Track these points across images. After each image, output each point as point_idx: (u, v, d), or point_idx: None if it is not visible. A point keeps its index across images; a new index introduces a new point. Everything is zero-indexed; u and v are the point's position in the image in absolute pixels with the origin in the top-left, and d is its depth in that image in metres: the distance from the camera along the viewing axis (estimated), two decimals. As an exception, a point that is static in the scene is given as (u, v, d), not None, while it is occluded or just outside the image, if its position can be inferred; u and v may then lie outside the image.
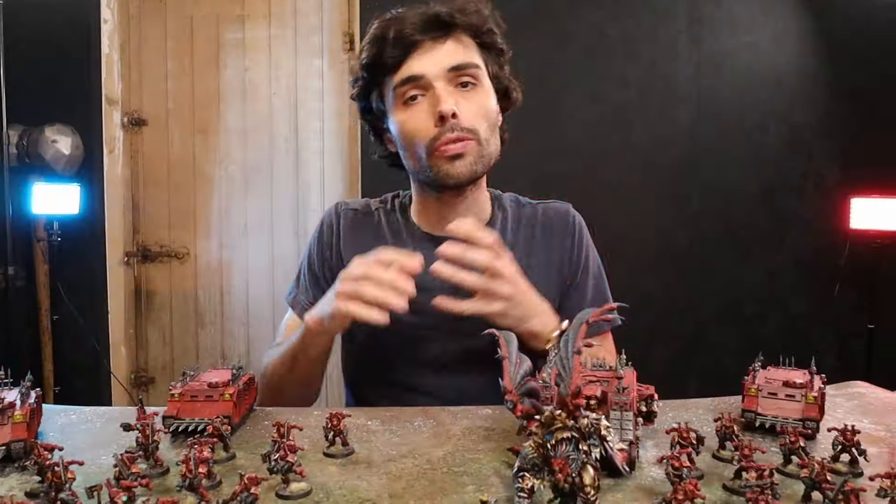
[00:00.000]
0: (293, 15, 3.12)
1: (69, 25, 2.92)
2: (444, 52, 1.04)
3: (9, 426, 0.69)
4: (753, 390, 0.77)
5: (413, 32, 1.03)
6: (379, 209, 1.22)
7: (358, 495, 0.61)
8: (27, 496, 0.61)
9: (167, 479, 0.66)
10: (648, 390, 0.76)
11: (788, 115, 3.04)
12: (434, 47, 1.04)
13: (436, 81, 1.03)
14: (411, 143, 1.07)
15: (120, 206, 3.09)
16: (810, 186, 3.05)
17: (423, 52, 1.04)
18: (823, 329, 3.05)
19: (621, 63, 3.02)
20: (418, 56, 1.04)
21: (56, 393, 2.85)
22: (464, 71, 1.05)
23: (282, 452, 0.61)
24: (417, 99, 1.05)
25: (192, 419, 0.77)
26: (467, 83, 1.06)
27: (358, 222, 1.20)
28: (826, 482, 0.57)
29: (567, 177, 2.94)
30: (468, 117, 1.04)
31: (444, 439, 0.77)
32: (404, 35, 1.03)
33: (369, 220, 1.20)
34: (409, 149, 1.08)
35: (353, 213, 1.21)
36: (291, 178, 3.16)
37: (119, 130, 3.09)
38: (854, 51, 2.99)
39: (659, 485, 0.63)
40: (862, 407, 0.90)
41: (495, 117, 1.11)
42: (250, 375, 0.88)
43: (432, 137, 1.03)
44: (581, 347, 0.57)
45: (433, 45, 1.04)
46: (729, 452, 0.70)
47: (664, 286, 2.98)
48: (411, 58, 1.03)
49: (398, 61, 1.04)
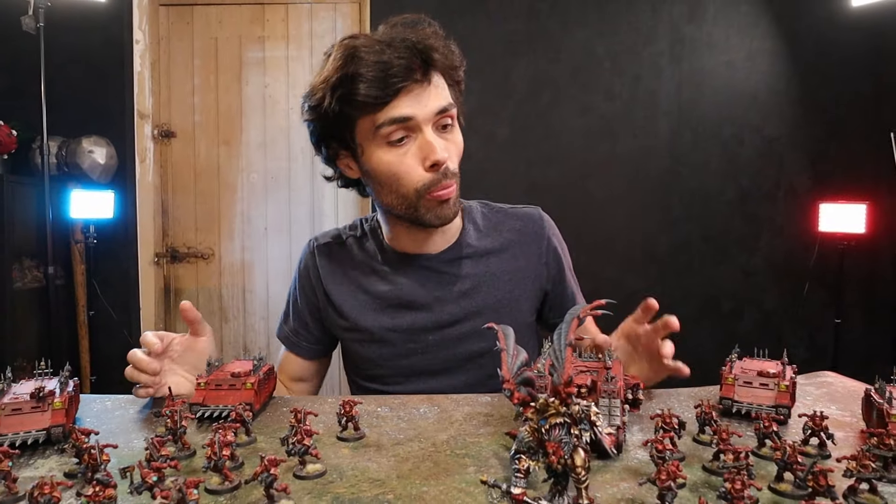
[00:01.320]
0: (309, 37, 3.12)
1: (104, 46, 2.93)
2: (428, 94, 0.96)
3: (49, 412, 0.69)
4: (730, 379, 0.78)
5: (400, 76, 0.93)
6: (350, 237, 1.16)
7: (368, 476, 0.61)
8: (66, 476, 0.62)
9: (194, 460, 0.66)
10: (634, 379, 0.76)
11: (762, 127, 3.03)
12: (418, 89, 0.95)
13: (424, 125, 0.96)
14: (397, 184, 0.99)
15: (150, 210, 3.10)
16: (782, 193, 3.05)
17: (409, 94, 0.95)
18: (794, 324, 3.04)
19: (608, 79, 3.02)
20: (405, 97, 0.94)
21: (92, 382, 2.86)
22: (446, 113, 0.99)
23: (299, 436, 0.61)
24: (404, 141, 0.97)
25: (217, 406, 0.77)
26: (447, 125, 1.00)
27: (334, 254, 1.15)
28: (797, 463, 0.57)
29: (558, 184, 2.94)
30: (451, 159, 1.00)
31: (447, 424, 0.77)
32: (393, 78, 0.93)
33: (344, 251, 1.15)
34: (393, 188, 1.00)
35: (326, 248, 1.16)
36: (308, 185, 3.16)
37: (150, 142, 3.10)
38: (821, 69, 2.99)
39: (644, 466, 0.63)
40: (830, 395, 0.90)
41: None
42: (270, 366, 0.88)
43: (425, 183, 0.97)
44: (573, 340, 0.57)
45: (418, 87, 0.95)
46: (708, 436, 0.70)
47: (648, 284, 2.98)
48: (397, 98, 0.94)
49: (384, 102, 0.94)
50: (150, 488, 0.49)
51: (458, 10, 2.86)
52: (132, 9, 2.95)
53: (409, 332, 1.08)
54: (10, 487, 0.56)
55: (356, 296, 1.11)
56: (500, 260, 1.13)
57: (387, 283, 1.11)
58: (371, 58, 0.93)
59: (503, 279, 1.12)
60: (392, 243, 1.12)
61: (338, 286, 1.13)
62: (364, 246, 1.15)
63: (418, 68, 0.95)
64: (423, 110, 0.96)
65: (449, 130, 1.01)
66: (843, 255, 2.72)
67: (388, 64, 0.93)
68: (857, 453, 0.55)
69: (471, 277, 1.11)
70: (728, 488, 0.49)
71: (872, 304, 3.03)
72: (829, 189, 2.92)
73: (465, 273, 1.11)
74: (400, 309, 1.09)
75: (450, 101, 1.00)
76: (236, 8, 3.11)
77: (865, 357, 2.98)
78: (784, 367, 0.80)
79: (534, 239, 1.16)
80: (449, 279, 1.10)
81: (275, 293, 3.18)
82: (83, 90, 2.91)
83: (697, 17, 3.01)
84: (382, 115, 0.95)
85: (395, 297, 1.10)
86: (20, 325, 2.69)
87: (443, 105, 0.98)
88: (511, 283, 1.12)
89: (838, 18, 2.78)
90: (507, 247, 1.15)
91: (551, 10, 2.98)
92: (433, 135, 0.97)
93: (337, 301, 1.12)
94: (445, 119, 0.99)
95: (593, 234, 2.90)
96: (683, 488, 0.58)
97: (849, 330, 2.86)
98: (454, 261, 1.11)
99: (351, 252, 1.15)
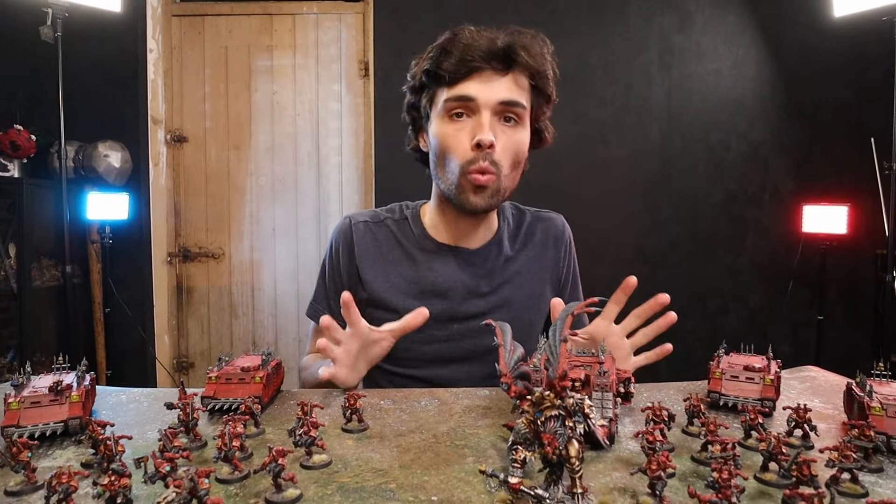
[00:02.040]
0: (315, 46, 3.12)
1: (119, 55, 2.93)
2: (499, 84, 0.99)
3: (66, 405, 0.69)
4: (718, 374, 0.78)
5: (477, 58, 0.97)
6: (388, 218, 1.17)
7: (372, 465, 0.61)
8: (83, 466, 0.61)
9: (205, 451, 0.66)
10: (626, 374, 0.76)
11: (748, 133, 3.03)
12: (492, 77, 0.98)
13: (484, 108, 0.98)
14: (446, 155, 1.02)
15: (163, 212, 3.10)
16: (767, 196, 3.05)
17: (481, 77, 0.98)
18: (779, 320, 3.04)
19: (601, 86, 3.02)
20: (475, 80, 0.98)
21: (108, 376, 2.86)
22: (511, 108, 0.99)
23: (305, 428, 0.61)
24: (463, 117, 1.00)
25: (227, 399, 0.77)
26: (510, 118, 1.01)
27: (369, 232, 1.14)
28: (782, 454, 0.57)
29: (554, 186, 2.93)
30: (500, 151, 1.00)
31: (447, 417, 0.77)
32: (469, 57, 0.97)
33: (381, 230, 1.15)
34: (443, 159, 1.03)
35: (363, 225, 1.15)
36: (313, 188, 3.16)
37: (163, 146, 3.10)
38: (805, 77, 2.99)
39: (635, 456, 0.63)
40: (813, 388, 0.90)
41: (523, 156, 1.06)
42: (278, 361, 0.88)
43: (468, 160, 0.99)
44: (567, 336, 0.57)
45: (492, 75, 0.98)
46: (697, 428, 0.69)
47: (639, 283, 2.96)
48: (469, 79, 0.98)
49: (456, 79, 0.98)
50: (163, 477, 0.49)
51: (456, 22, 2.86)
52: (146, 19, 2.95)
53: (435, 319, 1.05)
54: (29, 477, 0.56)
55: (388, 277, 1.10)
56: (527, 259, 1.15)
57: (421, 269, 1.11)
58: (463, 40, 0.98)
59: (527, 277, 1.13)
60: (432, 232, 1.13)
61: (371, 263, 1.11)
62: (402, 229, 1.15)
63: (498, 59, 0.98)
64: (486, 95, 0.98)
65: (512, 126, 1.02)
66: (825, 255, 2.72)
67: (473, 47, 0.97)
68: (839, 444, 0.55)
69: (501, 274, 1.12)
70: (716, 477, 0.49)
71: (853, 302, 3.04)
72: (811, 192, 2.93)
73: (496, 270, 1.12)
74: (430, 296, 1.08)
75: (519, 100, 1.00)
76: (245, 18, 3.11)
77: (847, 352, 2.98)
78: (769, 362, 0.80)
79: (555, 243, 1.18)
80: (482, 274, 1.11)
81: (282, 291, 3.18)
82: (99, 97, 2.91)
83: (686, 28, 3.01)
84: (452, 90, 0.99)
85: (429, 283, 1.09)
86: (39, 321, 2.69)
87: (509, 98, 0.99)
88: (533, 283, 1.13)
89: (821, 28, 2.78)
90: (532, 247, 1.16)
91: (547, 21, 2.98)
92: (490, 119, 0.98)
93: (367, 278, 1.10)
94: (510, 113, 1.00)
95: (587, 235, 2.88)
96: (673, 477, 0.58)
97: (831, 326, 2.86)
98: (488, 257, 1.13)
99: (388, 233, 1.14)
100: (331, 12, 3.11)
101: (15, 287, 2.63)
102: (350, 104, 3.12)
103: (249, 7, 3.11)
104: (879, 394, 0.67)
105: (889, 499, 0.42)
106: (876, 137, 2.79)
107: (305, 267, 3.15)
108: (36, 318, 2.66)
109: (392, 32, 2.96)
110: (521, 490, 0.48)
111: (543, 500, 0.48)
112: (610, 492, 0.55)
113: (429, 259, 1.12)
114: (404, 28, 2.94)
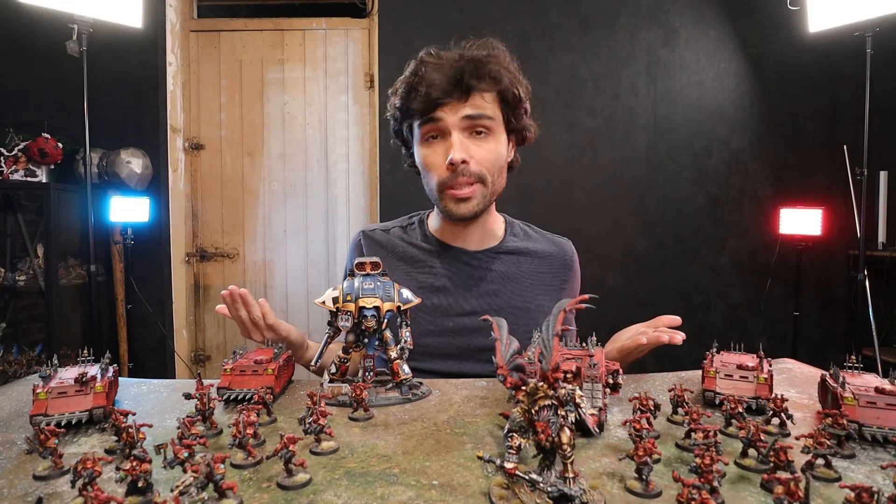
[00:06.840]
0: (324, 59, 3.12)
1: (140, 67, 2.93)
2: (464, 105, 1.01)
3: (91, 395, 0.69)
4: (712, 372, 0.75)
5: (440, 94, 0.99)
6: (395, 227, 1.21)
7: (377, 452, 0.61)
8: (106, 452, 0.62)
9: (221, 438, 0.66)
10: (614, 366, 0.76)
11: (728, 140, 3.03)
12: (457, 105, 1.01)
13: (453, 129, 1.00)
14: (427, 176, 1.06)
15: (182, 215, 3.10)
16: (746, 199, 3.05)
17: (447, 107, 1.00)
18: (757, 316, 3.04)
19: (591, 97, 3.02)
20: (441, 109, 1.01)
21: (130, 368, 2.85)
22: (477, 121, 1.01)
23: (314, 417, 0.61)
24: (437, 139, 1.03)
25: (242, 390, 0.77)
26: (481, 131, 1.02)
27: (377, 239, 1.18)
28: (760, 441, 0.57)
29: (546, 191, 2.94)
30: (477, 163, 1.01)
31: (447, 406, 0.77)
32: (433, 95, 0.99)
33: (388, 237, 1.18)
34: (426, 179, 1.07)
35: (372, 233, 1.20)
36: (322, 192, 3.16)
37: (181, 153, 3.10)
38: (782, 89, 2.99)
39: (623, 443, 0.63)
40: (789, 379, 0.90)
41: (503, 160, 1.07)
42: (288, 354, 0.88)
43: (444, 179, 1.02)
44: (560, 331, 0.57)
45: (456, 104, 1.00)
46: (681, 417, 0.70)
47: (627, 281, 2.98)
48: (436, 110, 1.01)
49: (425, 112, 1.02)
50: (181, 463, 0.49)
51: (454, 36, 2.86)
52: (166, 34, 2.95)
53: (431, 313, 1.08)
54: (56, 462, 0.56)
55: (394, 273, 1.11)
56: (530, 266, 1.14)
57: (422, 266, 1.12)
58: (427, 77, 1.00)
59: (526, 283, 1.12)
60: (436, 233, 1.16)
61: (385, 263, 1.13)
62: (408, 232, 1.19)
63: (459, 89, 0.99)
64: (451, 116, 1.00)
65: (483, 138, 1.03)
66: (801, 255, 2.72)
67: (435, 85, 0.99)
68: (814, 432, 0.55)
69: (498, 278, 1.12)
70: (698, 463, 0.49)
71: (827, 299, 3.04)
72: (788, 196, 2.93)
73: (494, 273, 1.12)
74: (428, 291, 1.09)
75: (484, 113, 1.01)
76: (258, 34, 3.11)
77: (821, 346, 2.99)
78: (761, 361, 0.78)
79: (562, 266, 1.17)
80: (479, 274, 1.11)
81: (293, 289, 3.18)
82: (122, 107, 2.91)
83: (671, 42, 3.01)
84: (423, 119, 1.03)
85: (427, 279, 1.10)
86: (65, 317, 2.69)
87: (473, 113, 1.00)
88: (533, 291, 1.12)
89: (797, 43, 2.78)
90: (537, 259, 1.15)
91: (540, 36, 2.98)
92: (459, 138, 1.00)
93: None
94: (479, 126, 1.02)
95: (577, 236, 2.88)
96: (658, 463, 0.58)
97: (806, 322, 2.87)
98: (487, 260, 1.13)
99: (395, 238, 1.18)
100: (338, 28, 3.11)
101: (43, 285, 2.63)
102: (356, 114, 3.12)
103: (262, 23, 3.11)
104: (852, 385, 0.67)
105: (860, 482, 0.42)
106: (848, 145, 2.80)
107: (314, 266, 3.15)
108: (62, 314, 2.66)
109: (395, 47, 2.96)
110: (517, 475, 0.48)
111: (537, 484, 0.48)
112: (599, 476, 0.55)
113: (429, 256, 1.14)
114: (407, 43, 2.94)
